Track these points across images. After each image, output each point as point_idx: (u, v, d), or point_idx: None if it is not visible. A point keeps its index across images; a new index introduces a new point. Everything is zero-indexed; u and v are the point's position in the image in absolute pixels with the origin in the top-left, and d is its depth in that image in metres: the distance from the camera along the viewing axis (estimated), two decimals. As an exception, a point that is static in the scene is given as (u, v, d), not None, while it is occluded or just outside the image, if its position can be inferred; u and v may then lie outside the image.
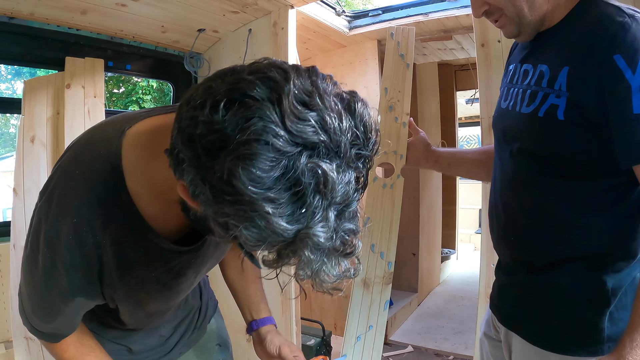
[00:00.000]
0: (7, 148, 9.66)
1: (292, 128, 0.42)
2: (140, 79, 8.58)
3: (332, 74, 0.51)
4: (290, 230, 0.43)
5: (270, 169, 0.41)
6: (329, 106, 0.44)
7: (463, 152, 1.34)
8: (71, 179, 0.62)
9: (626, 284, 0.82)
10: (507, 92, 0.97)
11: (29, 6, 1.81)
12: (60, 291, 0.65)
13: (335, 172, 0.43)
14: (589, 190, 0.82)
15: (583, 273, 0.84)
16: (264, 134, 0.41)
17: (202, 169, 0.45)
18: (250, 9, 2.13)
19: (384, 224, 1.59)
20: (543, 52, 0.88)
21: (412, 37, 1.78)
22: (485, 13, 0.90)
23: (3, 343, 1.87)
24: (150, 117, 0.66)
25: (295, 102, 0.43)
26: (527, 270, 0.91)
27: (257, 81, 0.44)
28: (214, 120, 0.43)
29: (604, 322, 0.81)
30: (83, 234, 0.61)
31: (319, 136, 0.43)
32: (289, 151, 0.42)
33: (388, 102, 1.68)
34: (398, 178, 1.58)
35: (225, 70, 0.50)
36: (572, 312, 0.85)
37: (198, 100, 0.46)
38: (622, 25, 0.72)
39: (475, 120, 6.44)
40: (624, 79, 0.71)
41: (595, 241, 0.83)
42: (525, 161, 0.90)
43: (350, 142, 0.45)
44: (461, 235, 5.36)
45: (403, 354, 2.84)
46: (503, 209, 0.96)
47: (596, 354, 0.81)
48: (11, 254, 1.77)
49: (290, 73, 0.45)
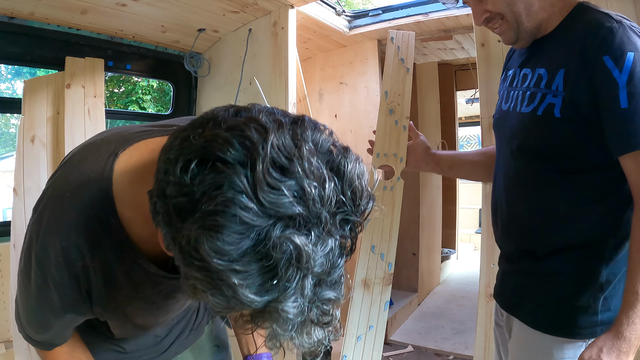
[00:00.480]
0: (7, 148, 9.66)
1: (265, 199, 0.39)
2: (140, 78, 8.58)
3: (326, 125, 0.48)
4: (258, 301, 0.41)
5: (237, 241, 0.39)
6: (310, 171, 0.41)
7: (463, 154, 1.39)
8: (61, 200, 0.61)
9: (620, 274, 0.88)
10: (508, 95, 1.04)
11: (29, 6, 1.81)
12: (52, 307, 0.65)
13: (312, 245, 0.40)
14: (586, 184, 0.89)
15: (581, 260, 0.90)
16: (231, 206, 0.38)
17: (173, 228, 0.43)
18: (251, 8, 2.13)
19: (384, 225, 1.60)
20: (541, 57, 0.95)
21: (412, 41, 1.81)
22: (486, 20, 0.97)
23: (3, 343, 1.87)
24: (146, 139, 0.65)
25: (271, 168, 0.39)
26: (530, 259, 0.98)
27: (232, 140, 0.41)
28: (183, 182, 0.41)
29: (598, 307, 0.87)
30: (72, 256, 0.60)
31: (296, 208, 0.39)
32: (259, 224, 0.39)
33: (388, 105, 1.70)
34: (398, 180, 1.60)
35: (208, 117, 0.47)
36: (569, 296, 0.90)
37: (173, 153, 0.44)
38: (610, 29, 0.81)
39: (475, 120, 6.44)
40: (612, 77, 0.80)
41: (593, 230, 0.89)
42: (526, 158, 0.96)
43: (334, 209, 0.42)
44: (461, 235, 5.36)
45: (403, 354, 2.84)
46: (507, 205, 1.02)
47: (590, 337, 0.87)
48: (11, 254, 1.77)
49: (269, 132, 0.41)
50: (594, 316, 0.88)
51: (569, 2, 0.94)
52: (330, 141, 0.46)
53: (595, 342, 0.81)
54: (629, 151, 0.81)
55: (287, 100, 2.10)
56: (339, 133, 2.08)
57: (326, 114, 3.09)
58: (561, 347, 0.90)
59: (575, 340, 0.89)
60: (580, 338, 0.89)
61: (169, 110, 2.70)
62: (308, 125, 0.45)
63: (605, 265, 0.88)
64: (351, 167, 0.44)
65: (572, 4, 0.94)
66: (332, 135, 0.47)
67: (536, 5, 0.91)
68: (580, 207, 0.90)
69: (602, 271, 0.88)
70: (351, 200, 0.43)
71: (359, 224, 0.45)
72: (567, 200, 0.91)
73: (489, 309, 1.75)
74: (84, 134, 2.03)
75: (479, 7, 0.96)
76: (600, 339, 0.81)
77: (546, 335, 0.92)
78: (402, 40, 1.82)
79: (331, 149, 0.45)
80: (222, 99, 2.49)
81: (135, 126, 0.70)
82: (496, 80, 1.79)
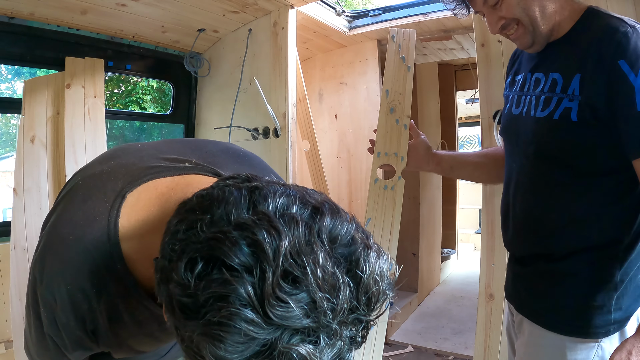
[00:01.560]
0: (7, 148, 9.65)
1: (272, 313, 0.37)
2: (140, 79, 8.58)
3: (354, 217, 0.45)
4: None
5: (240, 350, 0.37)
6: (323, 281, 0.38)
7: (464, 155, 1.38)
8: (64, 242, 0.59)
9: (631, 273, 0.90)
10: (519, 100, 1.04)
11: (29, 6, 1.81)
12: (60, 345, 0.64)
13: (319, 352, 0.38)
14: (602, 187, 0.91)
15: (597, 261, 0.91)
16: (237, 320, 0.37)
17: (176, 319, 0.42)
18: (250, 9, 2.13)
19: (384, 224, 1.61)
20: (554, 62, 0.96)
21: (413, 40, 1.80)
22: (501, 27, 0.97)
23: (3, 343, 1.87)
24: (155, 179, 0.62)
25: (282, 280, 0.38)
26: (544, 261, 0.98)
27: (241, 242, 0.39)
28: (187, 284, 0.40)
29: (612, 306, 0.89)
30: (77, 300, 0.59)
31: (305, 321, 0.38)
32: (264, 338, 0.37)
33: (389, 104, 1.70)
34: (399, 180, 1.59)
35: (219, 198, 0.45)
36: (585, 296, 0.91)
37: (178, 244, 0.43)
38: (625, 34, 0.83)
39: (475, 120, 6.44)
40: (628, 81, 0.81)
41: (609, 231, 0.90)
42: (542, 163, 0.97)
43: (346, 316, 0.40)
44: (461, 235, 5.35)
45: (403, 354, 2.84)
46: (521, 210, 1.03)
47: (603, 336, 0.89)
48: (11, 254, 1.77)
49: (282, 237, 0.39)
50: (607, 315, 0.89)
51: (578, 7, 0.94)
52: (351, 232, 0.43)
53: (623, 345, 0.83)
54: None
55: (287, 101, 2.10)
56: (339, 133, 2.10)
57: (326, 114, 3.09)
58: (574, 348, 0.91)
59: (588, 341, 0.90)
60: (594, 338, 0.90)
61: (169, 110, 2.70)
62: (328, 214, 0.43)
63: (619, 264, 0.90)
64: (370, 268, 0.41)
65: (582, 8, 0.94)
66: (355, 222, 0.44)
67: (550, 9, 0.92)
68: (597, 210, 0.91)
69: (617, 271, 0.89)
70: (366, 305, 0.41)
71: (373, 321, 0.43)
72: (584, 204, 0.92)
73: (489, 309, 1.75)
74: (84, 134, 2.03)
75: (494, 15, 0.96)
76: (629, 342, 0.82)
77: (559, 335, 0.93)
78: (403, 38, 1.81)
79: (352, 239, 0.42)
80: (222, 99, 2.49)
81: (144, 155, 0.67)
82: (496, 81, 1.79)
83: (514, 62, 1.15)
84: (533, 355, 0.99)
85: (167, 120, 3.13)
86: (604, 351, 0.89)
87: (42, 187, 1.90)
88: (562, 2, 0.93)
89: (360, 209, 2.87)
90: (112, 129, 9.80)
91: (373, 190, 1.65)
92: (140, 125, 10.53)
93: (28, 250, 1.80)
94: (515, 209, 1.04)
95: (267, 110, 2.12)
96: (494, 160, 1.24)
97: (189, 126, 2.73)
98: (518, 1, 0.91)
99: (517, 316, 1.06)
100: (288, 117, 2.09)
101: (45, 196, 1.90)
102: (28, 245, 1.81)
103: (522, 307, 1.04)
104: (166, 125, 8.74)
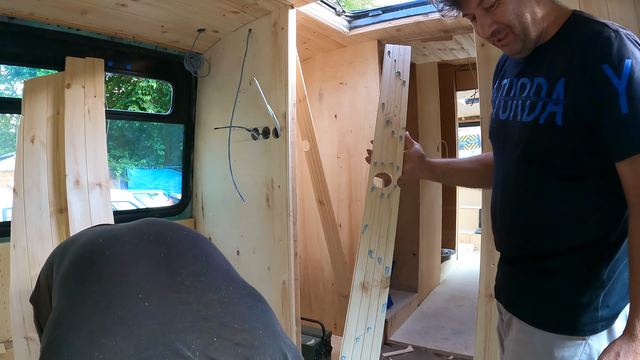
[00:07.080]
0: (7, 148, 9.65)
1: None
2: (140, 79, 8.58)
3: None
4: None
5: None
6: None
7: (456, 161, 1.44)
8: None
9: (618, 270, 0.92)
10: (505, 105, 1.06)
11: (29, 6, 1.81)
12: None
13: None
14: (587, 188, 0.92)
15: (584, 259, 0.92)
16: None
17: None
18: (250, 9, 2.13)
19: (381, 230, 1.65)
20: (539, 67, 0.97)
21: (408, 55, 1.91)
22: (492, 33, 0.97)
23: (3, 343, 1.87)
24: None
25: None
26: (532, 260, 1.00)
27: None
28: None
29: (599, 303, 0.91)
30: None
31: None
32: None
33: (385, 116, 1.78)
34: (395, 188, 1.66)
35: None
36: (573, 293, 0.92)
37: None
38: (608, 39, 0.84)
39: (475, 120, 6.44)
40: (611, 84, 0.82)
41: (595, 231, 0.92)
42: (528, 167, 0.98)
43: None
44: (461, 235, 5.36)
45: (403, 354, 2.84)
46: (508, 212, 1.04)
47: (591, 333, 0.91)
48: (11, 254, 1.77)
49: None
50: (595, 312, 0.90)
51: (563, 12, 0.96)
52: None
53: (611, 347, 0.84)
54: (631, 155, 0.83)
55: (287, 101, 2.10)
56: (338, 133, 2.12)
57: (326, 114, 3.09)
58: (561, 345, 0.92)
59: (576, 338, 0.91)
60: (581, 335, 0.91)
61: (169, 110, 2.70)
62: None
63: (606, 263, 0.91)
64: None
65: (567, 13, 0.96)
66: None
67: (539, 15, 0.93)
68: (583, 211, 0.92)
69: (604, 269, 0.91)
70: None
71: None
72: (570, 205, 0.93)
73: (489, 309, 1.75)
74: (84, 134, 2.03)
75: (487, 18, 0.95)
76: (616, 344, 0.83)
77: (547, 333, 0.94)
78: (399, 54, 1.91)
79: None
80: (222, 99, 2.49)
81: None
82: (496, 81, 1.79)
83: (500, 67, 1.17)
84: (521, 352, 1.00)
85: (167, 120, 3.13)
86: (591, 349, 0.90)
87: (42, 187, 1.90)
88: (549, 8, 0.94)
89: (360, 209, 2.87)
90: (112, 129, 9.81)
91: (370, 197, 1.70)
92: (140, 125, 10.55)
93: (28, 250, 1.80)
94: (503, 212, 1.06)
95: (267, 110, 2.12)
96: (486, 166, 1.26)
97: (189, 126, 2.73)
98: (513, 7, 0.92)
99: (506, 315, 1.08)
100: (288, 117, 2.09)
101: (45, 196, 1.90)
102: (28, 245, 1.80)
103: (510, 305, 1.06)
104: (166, 125, 8.74)
